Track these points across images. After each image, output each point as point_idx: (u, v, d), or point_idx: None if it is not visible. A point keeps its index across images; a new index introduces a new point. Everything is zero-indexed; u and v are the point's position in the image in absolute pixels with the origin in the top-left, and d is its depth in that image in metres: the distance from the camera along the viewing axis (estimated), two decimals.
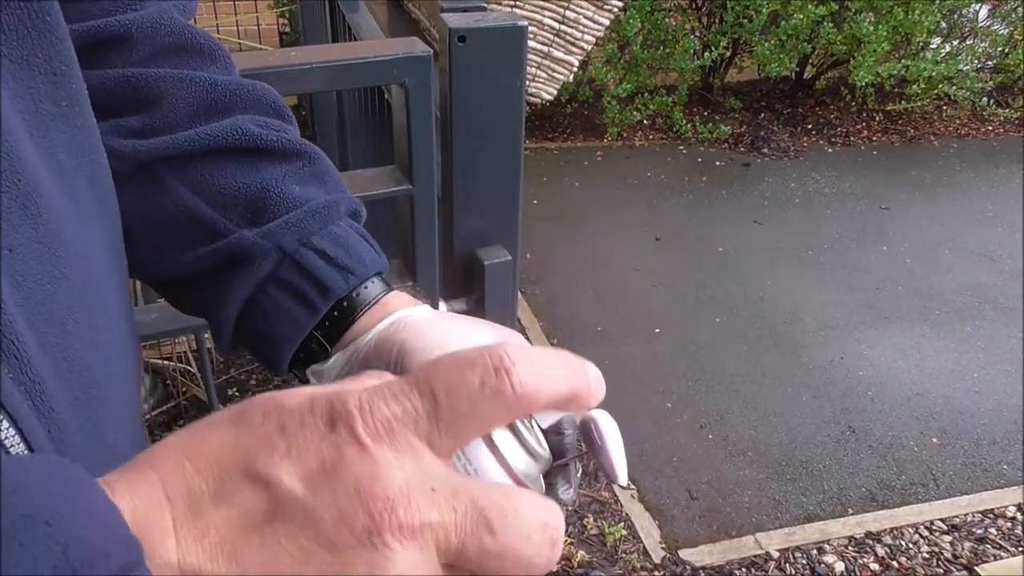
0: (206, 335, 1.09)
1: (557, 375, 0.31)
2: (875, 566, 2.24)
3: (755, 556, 2.26)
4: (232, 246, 0.50)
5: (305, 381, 0.52)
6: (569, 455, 0.40)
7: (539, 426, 0.36)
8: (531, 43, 1.40)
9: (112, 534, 0.24)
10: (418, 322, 0.49)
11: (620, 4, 1.42)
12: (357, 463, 0.27)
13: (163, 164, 0.51)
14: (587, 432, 0.42)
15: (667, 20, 4.83)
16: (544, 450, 0.35)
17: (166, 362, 2.45)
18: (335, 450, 0.28)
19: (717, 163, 4.67)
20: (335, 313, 0.50)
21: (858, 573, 2.22)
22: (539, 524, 0.29)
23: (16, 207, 0.33)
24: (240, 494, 0.27)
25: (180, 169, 0.51)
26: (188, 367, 2.46)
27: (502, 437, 0.33)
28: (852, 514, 2.40)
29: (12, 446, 0.32)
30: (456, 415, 0.29)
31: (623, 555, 2.23)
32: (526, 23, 0.99)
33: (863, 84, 4.71)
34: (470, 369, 0.29)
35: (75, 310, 0.37)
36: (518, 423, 0.34)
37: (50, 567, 0.22)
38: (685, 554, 2.26)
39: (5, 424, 0.31)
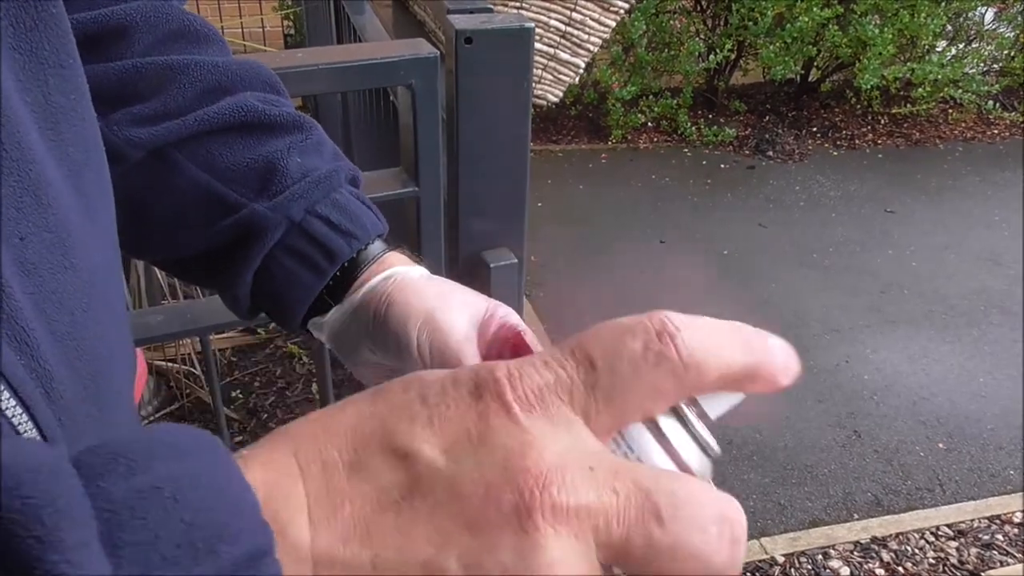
0: (211, 337, 1.08)
1: (730, 344, 0.28)
2: (881, 571, 2.23)
3: (760, 561, 2.25)
4: (245, 219, 0.53)
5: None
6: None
7: (709, 417, 0.30)
8: (537, 45, 1.40)
9: (244, 517, 0.23)
10: (409, 279, 0.52)
11: (626, 6, 1.41)
12: (506, 434, 0.25)
13: (174, 147, 0.54)
14: None
15: (672, 22, 4.83)
16: (716, 445, 0.29)
17: (170, 364, 2.44)
18: (481, 420, 0.25)
19: (722, 166, 4.66)
20: (337, 274, 0.54)
21: None
22: (717, 516, 0.25)
23: (28, 195, 0.33)
24: (377, 467, 0.25)
25: (191, 150, 0.54)
26: (192, 369, 2.46)
27: (669, 425, 0.28)
28: (858, 519, 2.39)
29: (25, 432, 0.32)
30: (616, 384, 0.26)
31: None
32: (533, 25, 0.99)
33: (868, 87, 4.70)
34: (630, 334, 0.27)
35: (83, 300, 0.37)
36: (686, 411, 0.29)
37: (172, 545, 0.21)
38: None
39: (19, 411, 0.31)
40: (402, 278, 0.52)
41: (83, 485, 0.21)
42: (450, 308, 0.49)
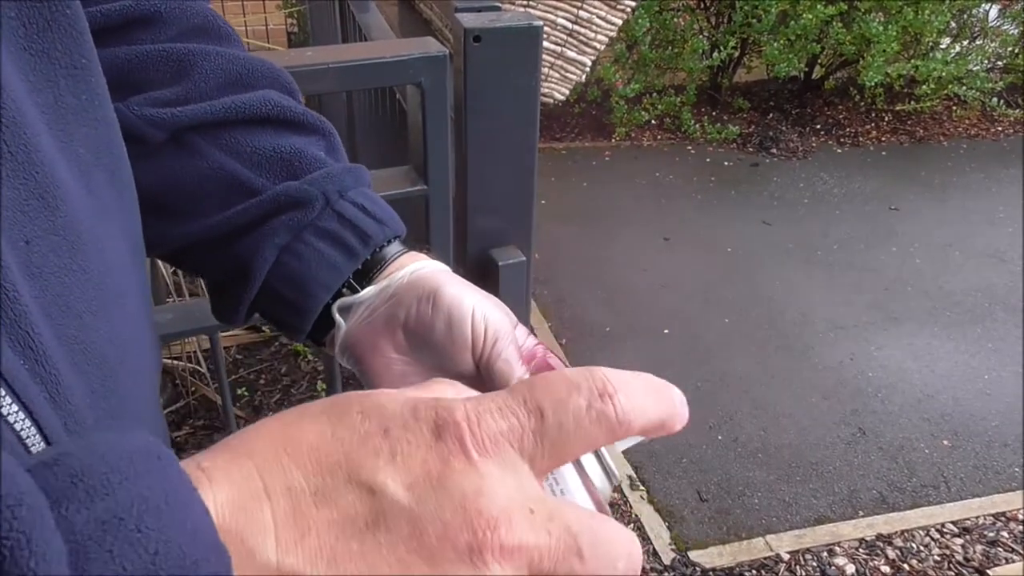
0: (220, 335, 1.09)
1: (651, 402, 0.32)
2: (886, 568, 2.23)
3: (765, 558, 2.25)
4: (278, 196, 0.51)
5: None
6: None
7: (618, 451, 0.36)
8: (544, 43, 1.40)
9: (203, 542, 0.24)
10: (445, 271, 0.51)
11: (633, 4, 1.41)
12: (464, 476, 0.28)
13: (196, 131, 0.53)
14: None
15: (676, 20, 4.82)
16: (616, 473, 0.35)
17: (175, 362, 2.45)
18: (441, 461, 0.28)
19: (726, 163, 4.66)
20: (359, 267, 0.52)
21: (869, 575, 2.21)
22: (625, 554, 0.30)
23: (34, 198, 0.33)
24: (343, 497, 0.27)
25: (213, 135, 0.53)
26: (197, 367, 2.47)
27: (587, 460, 0.34)
28: (863, 516, 2.39)
29: (28, 437, 0.32)
30: (561, 435, 0.29)
31: None
32: (541, 23, 0.99)
33: (872, 84, 4.70)
34: (577, 391, 0.30)
35: (93, 303, 0.37)
36: (602, 449, 0.34)
37: (139, 573, 0.22)
38: (695, 555, 2.25)
39: (21, 416, 0.31)
40: (442, 269, 0.51)
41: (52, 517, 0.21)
42: (496, 301, 0.50)
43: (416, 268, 0.51)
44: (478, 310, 0.48)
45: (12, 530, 0.20)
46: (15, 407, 0.31)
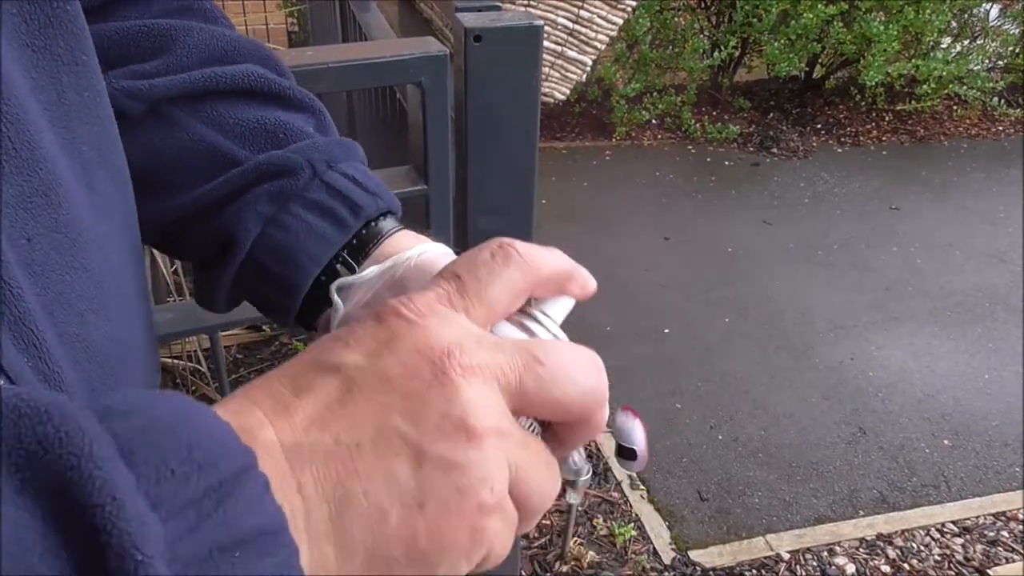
0: (221, 334, 1.09)
1: (551, 253, 0.37)
2: (886, 568, 2.23)
3: (765, 558, 2.25)
4: (261, 164, 0.49)
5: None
6: None
7: (552, 317, 0.39)
8: (545, 42, 1.40)
9: (230, 441, 0.27)
10: (447, 255, 0.50)
11: (634, 3, 1.41)
12: (408, 332, 0.32)
13: (175, 103, 0.51)
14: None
15: (676, 19, 4.82)
16: (565, 337, 0.38)
17: (176, 361, 2.45)
18: (387, 330, 0.32)
19: (726, 163, 4.66)
20: (353, 241, 0.50)
21: (869, 575, 2.21)
22: (581, 351, 0.34)
23: (36, 196, 0.33)
24: (316, 382, 0.31)
25: (193, 107, 0.51)
26: (198, 366, 2.47)
27: (531, 324, 0.37)
28: (863, 516, 2.39)
29: None
30: (479, 283, 0.34)
31: (633, 556, 2.23)
32: (542, 22, 0.99)
33: (873, 84, 4.70)
34: (480, 250, 0.36)
35: (93, 302, 0.37)
36: (538, 314, 0.38)
37: (178, 461, 0.25)
38: (695, 555, 2.25)
39: None
40: (443, 252, 0.50)
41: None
42: None
43: (423, 251, 0.49)
44: None
45: (64, 421, 0.23)
46: None
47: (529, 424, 0.35)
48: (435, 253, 0.49)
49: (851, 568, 2.22)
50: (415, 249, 0.49)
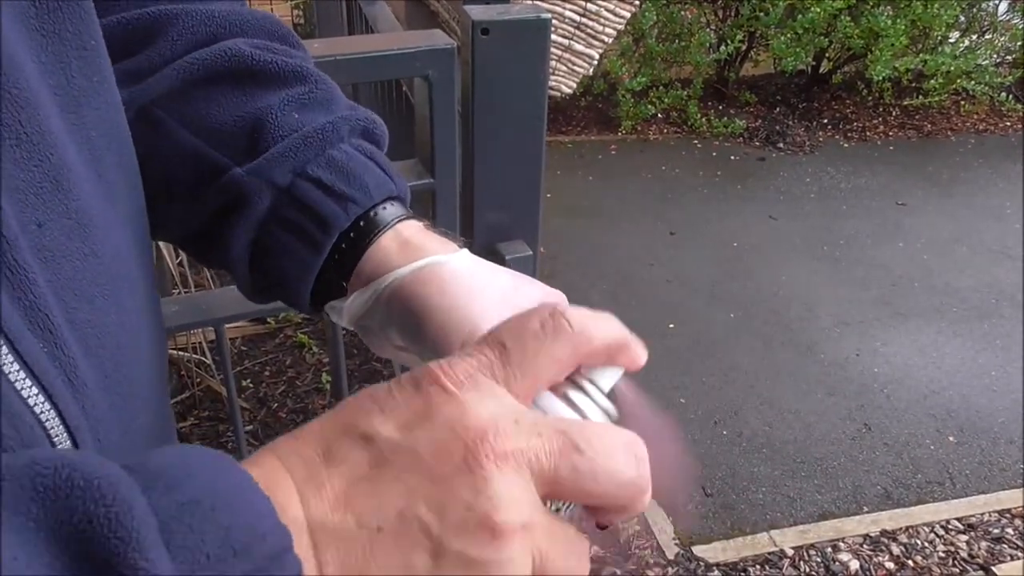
0: (226, 327, 1.09)
1: (604, 322, 0.36)
2: (890, 565, 2.22)
3: (769, 553, 2.25)
4: (228, 186, 0.48)
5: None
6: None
7: (601, 387, 0.37)
8: (552, 36, 1.39)
9: (267, 521, 0.27)
10: (451, 274, 0.46)
11: None
12: (446, 405, 0.30)
13: (158, 105, 0.49)
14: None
15: (682, 13, 4.80)
16: (613, 408, 0.36)
17: (181, 353, 2.45)
18: (424, 401, 0.31)
19: (732, 157, 4.64)
20: (343, 245, 0.48)
21: (873, 572, 2.21)
22: (622, 443, 0.32)
23: (47, 181, 0.33)
24: (346, 452, 0.30)
25: (176, 108, 0.49)
26: (203, 358, 2.47)
27: (573, 393, 0.35)
28: (867, 512, 2.39)
29: (47, 421, 0.32)
30: (525, 355, 0.32)
31: (636, 550, 2.23)
32: (549, 15, 0.98)
33: (880, 78, 4.68)
34: (529, 318, 0.34)
35: (104, 288, 0.37)
36: (586, 384, 0.35)
37: (216, 546, 0.25)
38: (699, 550, 2.25)
39: (42, 399, 0.31)
40: (443, 272, 0.46)
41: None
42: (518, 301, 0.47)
43: (418, 267, 0.47)
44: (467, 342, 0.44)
45: (115, 501, 0.24)
46: (35, 389, 0.31)
47: (565, 505, 0.33)
48: (428, 270, 0.46)
49: (855, 564, 2.22)
50: (396, 273, 0.47)
